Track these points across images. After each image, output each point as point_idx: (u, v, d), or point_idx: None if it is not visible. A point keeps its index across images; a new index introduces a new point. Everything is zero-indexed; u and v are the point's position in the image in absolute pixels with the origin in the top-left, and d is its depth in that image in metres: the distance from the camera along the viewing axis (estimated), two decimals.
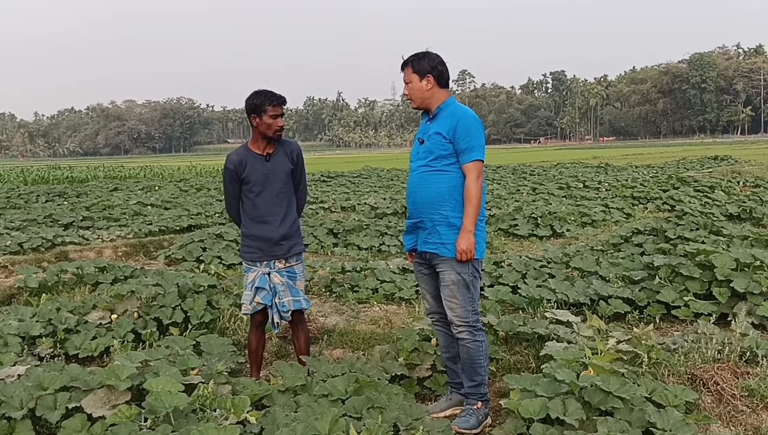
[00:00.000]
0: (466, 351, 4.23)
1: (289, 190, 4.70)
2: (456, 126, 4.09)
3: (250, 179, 4.61)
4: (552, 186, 20.30)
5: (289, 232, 4.67)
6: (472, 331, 4.20)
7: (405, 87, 4.28)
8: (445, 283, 4.17)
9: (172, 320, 6.00)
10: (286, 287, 4.69)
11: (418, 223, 4.25)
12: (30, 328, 5.70)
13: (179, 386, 3.78)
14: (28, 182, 32.96)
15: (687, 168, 29.89)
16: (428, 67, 4.19)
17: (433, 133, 4.16)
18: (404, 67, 4.25)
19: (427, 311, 4.60)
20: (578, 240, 11.54)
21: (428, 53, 4.23)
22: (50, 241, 11.03)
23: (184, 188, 24.73)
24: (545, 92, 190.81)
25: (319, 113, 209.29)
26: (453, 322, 4.20)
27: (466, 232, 4.06)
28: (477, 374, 4.24)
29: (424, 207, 4.18)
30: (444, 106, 4.22)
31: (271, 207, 4.63)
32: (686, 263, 6.81)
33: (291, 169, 4.69)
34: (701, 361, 4.78)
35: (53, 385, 3.99)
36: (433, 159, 4.15)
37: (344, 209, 16.35)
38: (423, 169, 4.20)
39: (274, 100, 4.54)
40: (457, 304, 4.16)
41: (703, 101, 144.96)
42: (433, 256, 4.21)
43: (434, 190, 4.13)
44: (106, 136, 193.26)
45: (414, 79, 4.20)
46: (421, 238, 4.26)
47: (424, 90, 4.21)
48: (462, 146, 4.09)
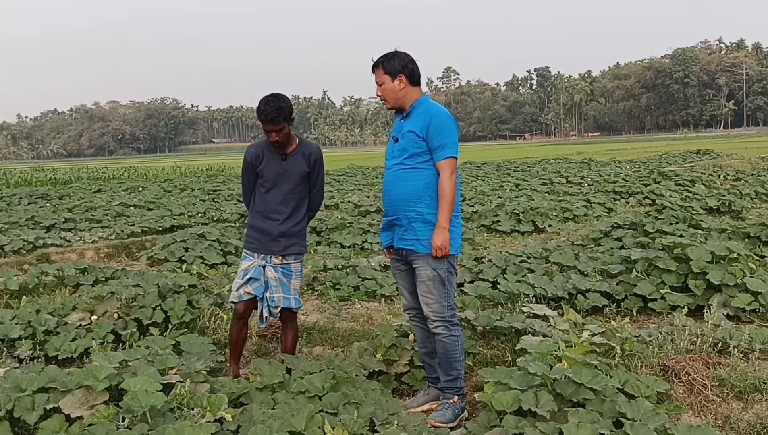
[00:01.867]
0: (442, 346, 4.28)
1: (300, 192, 4.75)
2: (429, 124, 4.13)
3: (263, 174, 4.70)
4: (535, 182, 20.40)
5: (289, 232, 4.71)
6: (448, 326, 4.25)
7: (378, 89, 4.29)
8: (421, 278, 4.22)
9: (152, 320, 6.00)
10: (279, 283, 4.73)
11: (394, 220, 4.31)
12: (9, 330, 5.68)
13: (157, 386, 3.81)
14: (10, 185, 32.79)
15: (669, 162, 30.06)
16: (399, 66, 4.21)
17: (407, 131, 4.20)
18: (375, 68, 4.27)
19: (404, 307, 4.63)
20: (560, 235, 11.62)
21: (398, 53, 4.25)
22: (32, 243, 10.98)
23: (167, 189, 24.64)
24: (530, 88, 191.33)
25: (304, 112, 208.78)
26: (429, 317, 4.25)
27: (441, 229, 4.11)
28: (453, 368, 4.30)
29: (400, 204, 4.23)
30: (417, 105, 4.26)
31: (278, 205, 4.70)
32: (663, 256, 6.89)
33: (306, 172, 4.73)
34: (674, 352, 4.85)
35: (31, 386, 4.00)
36: (407, 157, 4.20)
37: (328, 207, 16.34)
38: (398, 168, 4.25)
39: (261, 116, 4.57)
40: (433, 300, 4.21)
41: (686, 96, 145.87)
42: (409, 252, 4.26)
43: (409, 188, 4.18)
44: (90, 138, 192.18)
45: (386, 80, 4.23)
46: (397, 234, 4.31)
47: (397, 90, 4.24)
48: (435, 144, 4.13)
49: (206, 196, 20.80)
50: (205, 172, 40.10)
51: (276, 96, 4.59)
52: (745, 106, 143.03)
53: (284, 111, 4.54)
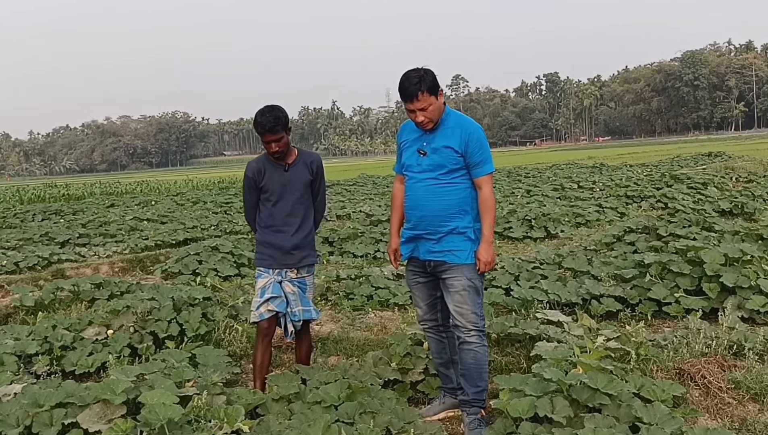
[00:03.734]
0: (473, 356, 4.18)
1: (306, 201, 4.72)
2: (468, 140, 4.05)
3: (268, 188, 4.64)
4: (546, 187, 20.38)
5: (302, 243, 4.68)
6: (481, 336, 4.19)
7: (419, 114, 4.02)
8: (455, 289, 4.13)
9: (167, 334, 6.04)
10: (297, 296, 4.70)
11: (423, 235, 4.19)
12: (26, 346, 5.73)
13: (174, 398, 3.82)
14: (24, 201, 33.02)
15: (681, 165, 30.00)
16: (435, 82, 4.02)
17: (443, 147, 4.07)
18: (416, 96, 3.97)
19: (419, 318, 4.54)
20: (572, 240, 11.60)
21: (424, 69, 4.04)
22: (46, 259, 11.05)
23: (180, 202, 24.77)
24: (539, 94, 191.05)
25: (314, 123, 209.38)
26: (463, 327, 4.15)
27: (488, 244, 4.09)
28: (482, 380, 4.23)
29: (433, 220, 4.12)
30: (445, 117, 4.14)
31: (287, 217, 4.66)
32: (677, 260, 6.88)
33: (310, 180, 4.71)
34: (689, 355, 4.84)
35: (49, 401, 4.02)
36: (443, 172, 4.09)
37: (340, 217, 16.42)
38: (432, 182, 4.11)
39: (258, 128, 4.51)
40: (468, 310, 4.13)
41: (697, 98, 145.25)
42: (438, 263, 4.17)
43: (444, 203, 4.09)
44: (102, 153, 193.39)
45: (431, 100, 4.00)
46: (423, 247, 4.22)
47: (441, 106, 4.08)
48: (476, 159, 4.07)
49: (218, 209, 20.91)
50: (216, 185, 40.22)
51: (272, 107, 4.54)
52: (756, 107, 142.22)
53: (282, 120, 4.49)
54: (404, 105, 4.07)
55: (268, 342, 4.80)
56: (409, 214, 4.26)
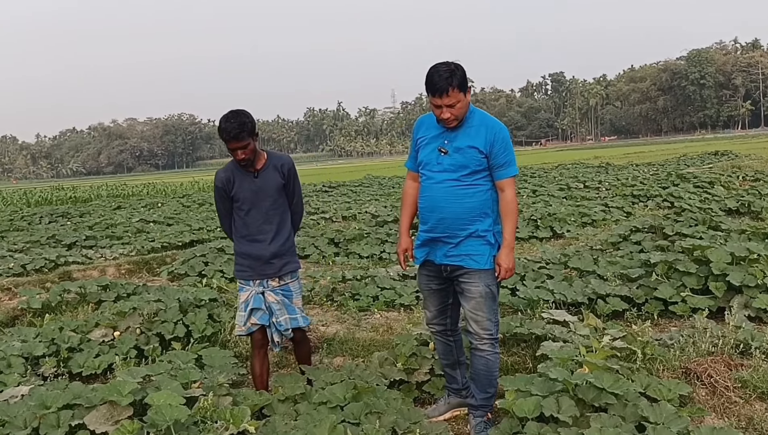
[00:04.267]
0: (484, 362, 4.13)
1: (280, 207, 4.52)
2: (494, 140, 3.92)
3: (239, 197, 4.46)
4: (552, 187, 20.32)
5: (281, 250, 4.49)
6: (494, 343, 4.11)
7: (445, 110, 3.87)
8: (472, 295, 4.02)
9: (174, 335, 6.06)
10: (282, 305, 4.53)
11: (441, 238, 4.04)
12: (33, 348, 5.75)
13: (180, 399, 3.83)
14: (31, 204, 33.12)
15: (687, 164, 29.90)
16: (465, 78, 3.88)
17: (467, 146, 3.93)
18: (446, 91, 3.82)
19: (428, 320, 4.42)
20: (578, 240, 11.57)
21: (455, 64, 3.89)
22: (53, 261, 11.09)
23: (186, 204, 24.81)
24: (545, 94, 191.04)
25: (319, 124, 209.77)
26: (477, 334, 4.07)
27: (510, 250, 3.97)
28: (491, 386, 4.19)
29: (453, 222, 3.97)
30: (469, 115, 3.99)
31: (262, 225, 4.47)
32: (683, 259, 6.86)
33: (282, 184, 4.49)
34: (696, 354, 4.83)
35: (56, 403, 4.03)
36: (466, 174, 3.94)
37: (345, 218, 16.40)
38: (453, 184, 3.95)
39: (222, 135, 4.29)
40: (484, 317, 4.04)
41: (703, 97, 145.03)
42: (455, 268, 4.05)
43: (466, 206, 3.94)
44: (109, 155, 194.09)
45: (460, 97, 3.85)
46: (440, 251, 4.07)
47: (468, 104, 3.95)
48: (500, 161, 3.95)
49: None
50: None
51: (236, 112, 4.30)
52: (763, 105, 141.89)
53: (247, 126, 4.26)
54: (430, 99, 3.90)
55: (264, 353, 4.71)
56: (427, 216, 4.08)
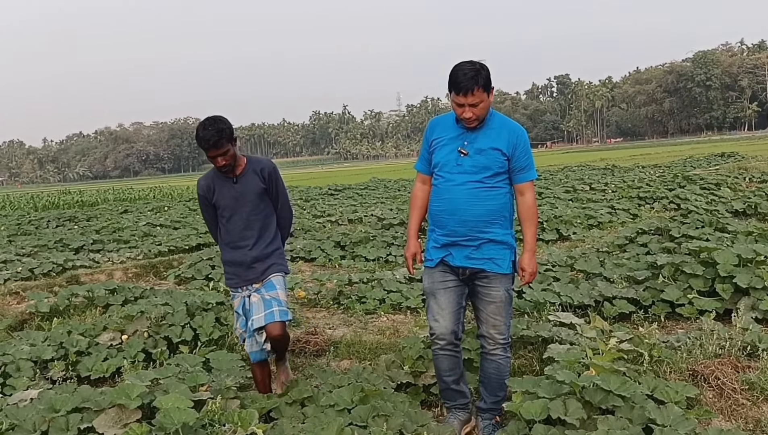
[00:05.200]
0: (496, 367, 4.11)
1: (261, 211, 4.45)
2: (516, 143, 3.87)
3: (220, 204, 4.43)
4: (558, 190, 20.30)
5: (262, 255, 4.44)
6: (507, 348, 4.10)
7: (468, 109, 3.77)
8: (492, 299, 3.99)
9: (181, 338, 6.09)
10: (260, 303, 4.43)
11: (461, 241, 3.95)
12: (42, 352, 5.79)
13: (188, 402, 3.85)
14: (38, 208, 33.23)
15: (694, 166, 29.86)
16: (490, 78, 3.79)
17: (490, 148, 3.85)
18: (471, 90, 3.72)
19: (439, 332, 4.09)
20: (584, 242, 11.56)
21: (480, 63, 3.80)
22: (61, 265, 11.14)
23: (192, 208, 24.85)
24: (550, 96, 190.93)
25: (325, 127, 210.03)
26: (492, 338, 4.04)
27: (532, 253, 3.97)
28: (502, 390, 4.17)
29: (474, 225, 3.89)
30: (489, 117, 3.91)
31: (243, 231, 4.43)
32: (689, 261, 6.85)
33: (263, 189, 4.42)
34: (703, 357, 4.83)
35: (65, 407, 4.06)
36: (488, 176, 3.87)
37: (351, 221, 16.43)
38: (475, 186, 3.87)
39: (201, 143, 4.22)
40: (501, 321, 4.01)
41: (709, 99, 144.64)
42: (476, 271, 3.98)
43: (488, 208, 3.89)
44: (115, 159, 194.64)
45: (484, 97, 3.76)
46: (460, 254, 3.97)
47: (490, 105, 3.86)
48: (522, 164, 3.91)
49: None
50: None
51: (213, 119, 4.23)
52: None
53: (225, 132, 4.19)
54: (453, 97, 3.80)
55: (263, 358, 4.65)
56: (446, 219, 3.96)
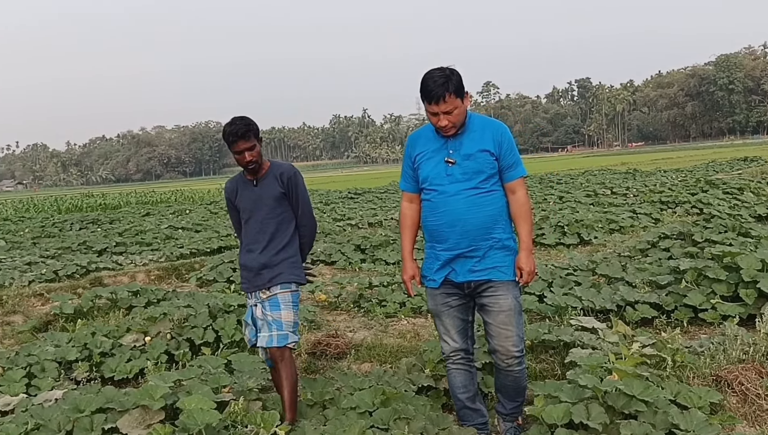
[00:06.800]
0: (513, 379, 3.97)
1: (278, 217, 4.29)
2: (501, 140, 3.77)
3: (240, 206, 4.38)
4: (579, 194, 20.23)
5: (271, 262, 4.25)
6: (522, 361, 3.93)
7: (443, 117, 3.67)
8: (501, 308, 3.80)
9: (203, 340, 6.14)
10: (264, 321, 4.29)
11: (464, 253, 3.80)
12: (66, 353, 5.86)
13: (211, 404, 3.88)
14: (62, 211, 33.62)
15: (716, 170, 29.59)
16: (461, 83, 3.69)
17: (477, 151, 3.75)
18: (442, 97, 3.62)
19: (449, 350, 4.05)
20: (605, 247, 11.51)
21: (450, 69, 3.71)
22: (84, 267, 11.24)
23: (213, 211, 25.02)
24: (571, 100, 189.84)
25: (345, 131, 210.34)
26: (507, 352, 3.85)
27: (529, 252, 3.82)
28: (520, 395, 4.09)
29: (477, 234, 3.75)
30: (468, 121, 3.81)
31: (256, 234, 4.31)
32: (713, 266, 6.80)
33: (281, 193, 4.28)
34: (726, 362, 4.78)
35: (89, 407, 4.11)
36: (482, 180, 3.76)
37: (371, 225, 16.45)
38: (472, 193, 3.74)
39: (229, 137, 4.19)
40: (513, 332, 3.83)
41: (732, 102, 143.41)
42: (481, 283, 3.82)
43: (488, 214, 3.76)
44: (137, 163, 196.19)
45: (458, 103, 3.66)
46: (464, 267, 3.82)
47: (465, 110, 3.75)
48: (509, 161, 3.80)
49: None
50: None
51: (241, 116, 4.24)
52: None
53: (253, 127, 4.20)
54: (426, 107, 3.72)
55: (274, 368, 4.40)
56: (446, 232, 3.81)
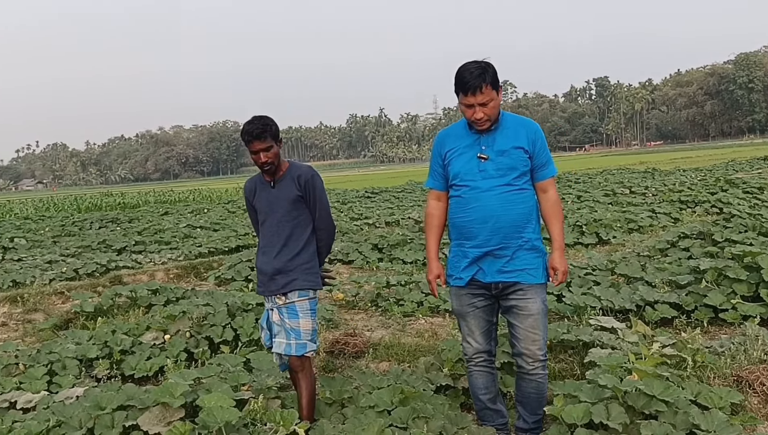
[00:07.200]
0: (535, 387, 3.89)
1: (294, 219, 4.16)
2: (535, 138, 3.76)
3: (257, 207, 4.31)
4: (597, 193, 20.11)
5: (286, 267, 4.13)
6: (546, 364, 3.88)
7: (478, 109, 3.62)
8: (530, 312, 3.74)
9: (222, 338, 6.17)
10: (281, 327, 4.19)
11: (494, 251, 3.73)
12: (87, 350, 5.91)
13: (231, 402, 3.91)
14: (81, 210, 33.89)
15: (736, 170, 29.32)
16: (497, 76, 3.65)
17: (511, 147, 3.71)
18: (480, 87, 3.58)
19: (472, 352, 3.98)
20: (624, 246, 11.44)
21: (486, 61, 3.66)
22: (104, 266, 11.33)
23: (231, 210, 25.10)
24: (589, 99, 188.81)
25: (362, 130, 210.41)
26: (531, 356, 3.80)
27: (562, 251, 3.79)
28: (541, 407, 3.99)
29: (509, 231, 3.69)
30: (501, 117, 3.77)
31: (272, 237, 4.20)
32: (733, 266, 6.75)
33: (298, 196, 4.15)
34: (747, 362, 4.75)
35: (110, 404, 4.14)
36: (516, 177, 3.71)
37: (388, 224, 16.44)
38: (506, 189, 3.69)
39: (245, 136, 4.09)
40: (539, 336, 3.77)
41: (752, 101, 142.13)
42: (509, 285, 3.76)
43: (520, 212, 3.71)
44: (156, 162, 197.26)
45: (493, 95, 3.62)
46: (492, 267, 3.75)
47: (499, 104, 3.72)
48: (542, 160, 3.79)
49: None
50: None
51: (260, 116, 4.14)
52: None
53: (271, 127, 4.08)
54: (461, 99, 3.67)
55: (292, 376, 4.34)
56: (477, 229, 3.74)
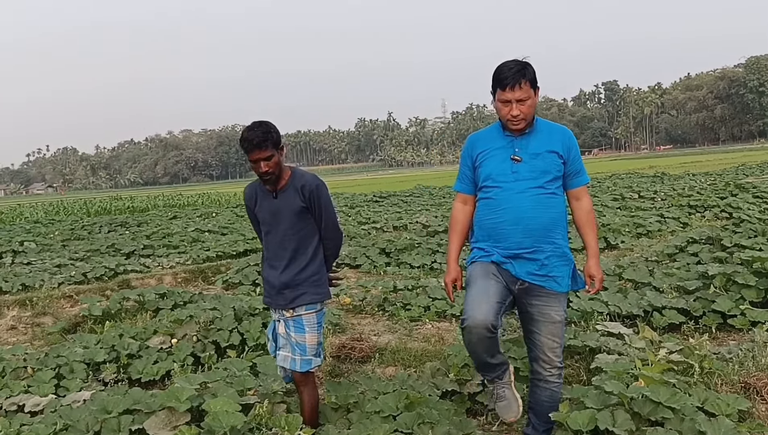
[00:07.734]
0: (549, 395, 3.88)
1: (299, 232, 4.04)
2: (570, 145, 3.72)
3: (260, 217, 4.17)
4: (606, 197, 20.06)
5: (294, 281, 4.04)
6: (562, 371, 3.89)
7: (515, 106, 3.56)
8: (552, 320, 3.74)
9: (229, 343, 6.18)
10: (287, 341, 4.14)
11: (526, 253, 3.67)
12: (94, 354, 5.93)
13: (236, 406, 3.92)
14: (91, 214, 34.02)
15: (746, 174, 29.23)
16: (536, 75, 3.62)
17: (545, 151, 3.67)
18: (519, 82, 3.54)
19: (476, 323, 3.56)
20: (633, 251, 11.40)
21: (525, 61, 3.64)
22: (113, 270, 11.36)
23: (240, 214, 25.12)
24: (598, 103, 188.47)
25: (370, 134, 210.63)
26: (550, 362, 3.80)
27: (598, 259, 3.82)
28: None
29: (540, 234, 3.65)
30: (535, 122, 3.72)
31: (277, 250, 4.10)
32: (742, 271, 6.72)
33: (302, 208, 4.01)
34: (755, 369, 4.72)
35: (117, 408, 4.15)
36: (549, 180, 3.67)
37: (396, 228, 16.44)
38: (538, 191, 3.64)
39: (244, 144, 3.92)
40: (558, 343, 3.79)
41: (762, 105, 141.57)
42: (535, 287, 3.72)
43: (551, 216, 3.67)
44: (165, 166, 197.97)
45: (531, 93, 3.58)
46: (524, 267, 3.69)
47: (536, 105, 3.67)
48: (576, 167, 3.77)
49: None
50: None
51: (261, 122, 3.96)
52: None
53: (272, 136, 3.90)
54: (498, 96, 3.60)
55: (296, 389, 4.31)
56: (507, 230, 3.67)
